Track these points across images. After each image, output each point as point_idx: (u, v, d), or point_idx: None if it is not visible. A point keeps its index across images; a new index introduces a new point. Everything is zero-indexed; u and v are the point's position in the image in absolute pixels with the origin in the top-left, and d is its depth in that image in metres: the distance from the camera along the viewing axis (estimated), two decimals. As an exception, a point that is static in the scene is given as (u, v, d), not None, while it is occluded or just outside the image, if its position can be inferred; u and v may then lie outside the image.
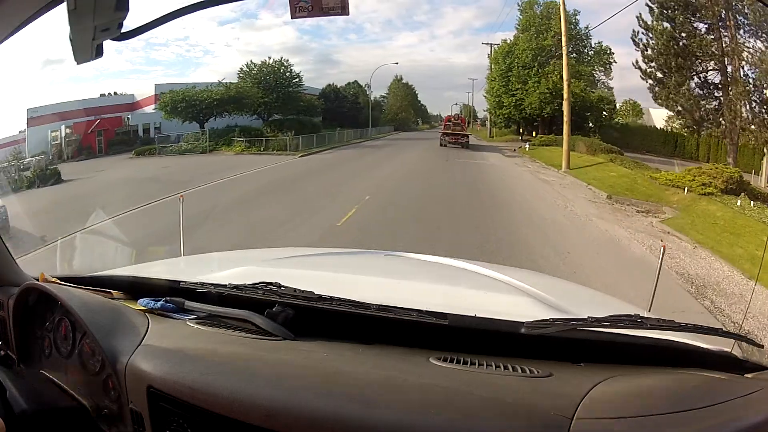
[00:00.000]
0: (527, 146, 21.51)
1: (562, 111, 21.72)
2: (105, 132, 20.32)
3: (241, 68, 23.62)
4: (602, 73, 23.83)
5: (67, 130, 18.65)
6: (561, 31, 19.37)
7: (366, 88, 32.76)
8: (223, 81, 22.64)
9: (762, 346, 1.15)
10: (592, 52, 23.95)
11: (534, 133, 24.11)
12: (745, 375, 1.02)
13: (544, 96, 22.67)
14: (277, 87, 23.38)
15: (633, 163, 16.22)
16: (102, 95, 21.30)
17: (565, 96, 16.96)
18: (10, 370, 1.23)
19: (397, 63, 32.31)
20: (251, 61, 23.38)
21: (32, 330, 1.38)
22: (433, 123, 38.10)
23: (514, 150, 21.92)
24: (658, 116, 21.22)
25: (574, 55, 22.85)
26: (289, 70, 23.94)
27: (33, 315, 1.38)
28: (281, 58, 23.88)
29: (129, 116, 21.44)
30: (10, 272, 1.50)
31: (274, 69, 23.65)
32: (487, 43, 27.03)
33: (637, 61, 17.17)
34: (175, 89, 21.00)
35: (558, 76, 21.31)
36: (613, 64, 23.33)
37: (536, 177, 14.78)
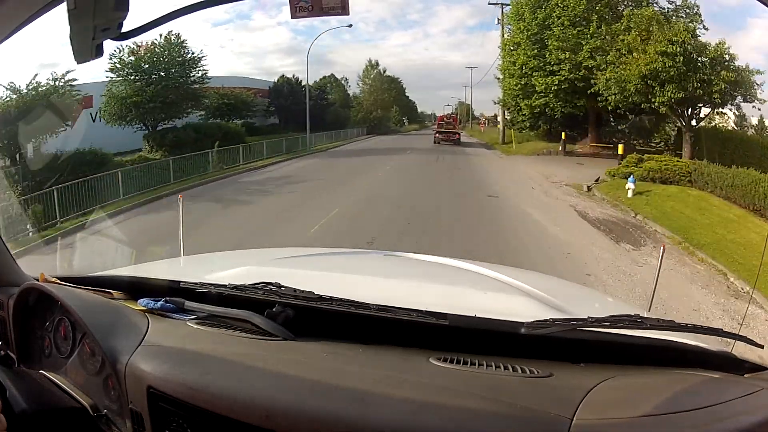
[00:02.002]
0: (629, 187, 9.60)
1: (711, 98, 10.97)
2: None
3: (111, 55, 14.02)
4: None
5: None
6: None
7: (343, 82, 26.78)
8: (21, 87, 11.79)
9: (762, 347, 1.14)
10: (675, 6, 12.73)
11: (620, 149, 12.27)
12: (745, 375, 1.02)
13: (664, 64, 10.78)
14: (161, 79, 14.82)
15: None
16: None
17: None
18: (10, 370, 1.23)
19: (350, 26, 25.36)
20: (134, 43, 14.32)
21: (32, 330, 1.38)
22: (426, 122, 35.41)
23: (588, 189, 10.56)
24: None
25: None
26: (185, 50, 15.22)
27: (33, 315, 1.38)
28: (169, 32, 14.93)
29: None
30: (10, 272, 1.50)
31: (159, 53, 14.83)
32: (495, 3, 18.27)
33: None
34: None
35: (684, 32, 11.06)
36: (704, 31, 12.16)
37: None
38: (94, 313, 1.20)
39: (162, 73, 15.05)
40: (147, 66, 14.84)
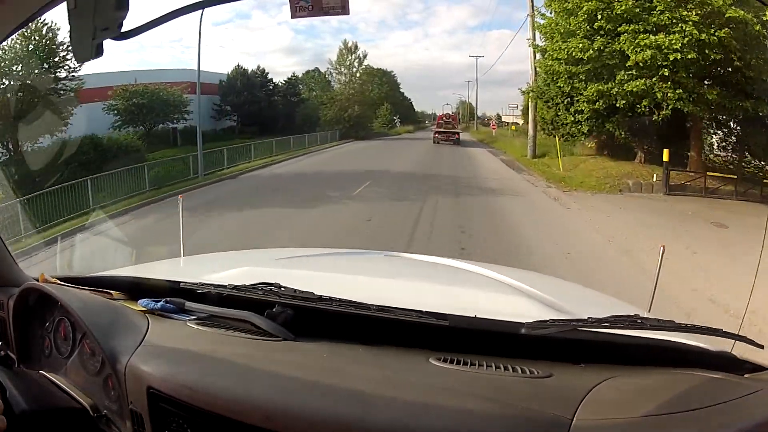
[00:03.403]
0: None
1: None
2: None
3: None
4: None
5: None
6: None
7: (328, 76, 22.43)
8: None
9: (762, 347, 1.14)
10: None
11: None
12: (745, 375, 1.02)
13: None
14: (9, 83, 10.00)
15: None
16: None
17: None
18: (10, 370, 1.23)
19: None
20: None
21: (32, 330, 1.38)
22: (426, 123, 33.03)
23: None
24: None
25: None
26: (43, 37, 9.70)
27: (33, 315, 1.38)
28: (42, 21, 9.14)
29: None
30: (10, 273, 1.50)
31: (7, 48, 9.55)
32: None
33: None
34: None
35: None
36: None
37: None
38: (94, 313, 1.20)
39: (14, 71, 9.96)
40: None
